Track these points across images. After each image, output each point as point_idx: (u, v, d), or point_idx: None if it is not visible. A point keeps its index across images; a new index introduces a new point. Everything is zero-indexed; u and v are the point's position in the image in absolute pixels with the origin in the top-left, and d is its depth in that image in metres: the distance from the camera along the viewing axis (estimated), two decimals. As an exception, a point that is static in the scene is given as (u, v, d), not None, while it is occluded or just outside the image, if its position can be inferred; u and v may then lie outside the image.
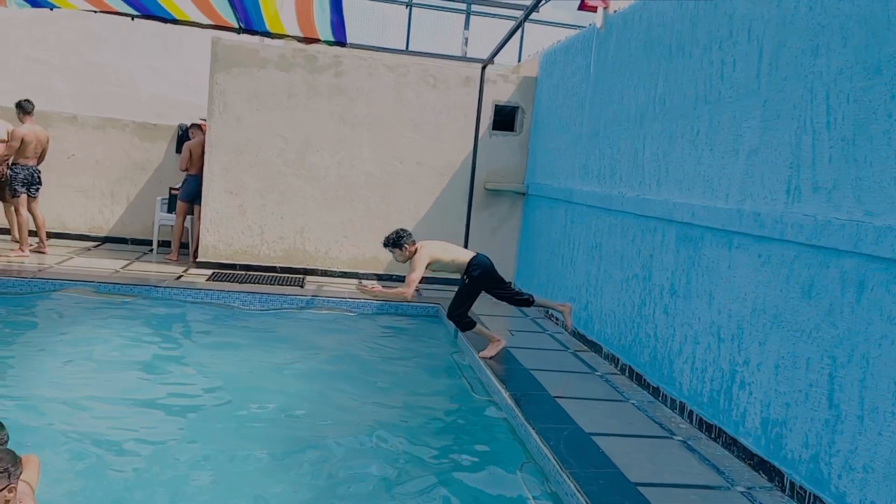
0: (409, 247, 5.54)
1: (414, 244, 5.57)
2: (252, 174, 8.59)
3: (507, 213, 9.07)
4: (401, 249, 5.53)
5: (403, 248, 5.52)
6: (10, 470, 2.60)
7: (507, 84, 8.96)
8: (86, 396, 4.45)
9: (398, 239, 5.56)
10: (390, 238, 5.59)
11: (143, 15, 6.83)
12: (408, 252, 5.53)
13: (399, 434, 4.29)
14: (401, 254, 5.55)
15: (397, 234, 5.59)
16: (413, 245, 5.56)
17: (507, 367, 5.46)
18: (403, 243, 5.53)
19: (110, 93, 11.45)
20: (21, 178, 8.02)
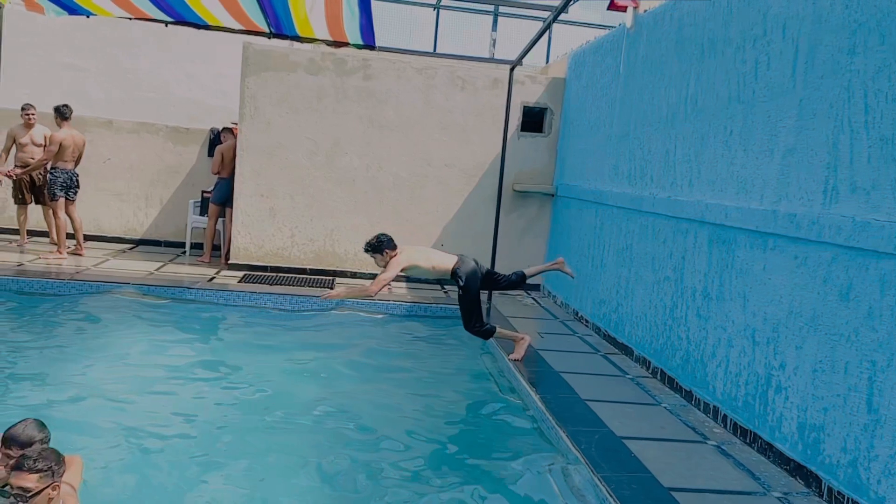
0: (390, 251, 5.49)
1: (395, 249, 5.53)
2: (282, 177, 8.69)
3: (535, 215, 9.04)
4: (381, 254, 5.49)
5: (384, 252, 5.48)
6: (54, 469, 2.67)
7: (535, 85, 8.93)
8: (124, 396, 4.54)
9: (379, 244, 5.52)
10: (371, 243, 5.55)
11: (177, 21, 6.94)
12: (388, 257, 5.49)
13: (428, 436, 4.30)
14: (381, 258, 5.51)
15: (378, 239, 5.55)
16: (394, 250, 5.51)
17: (536, 370, 5.44)
18: (384, 248, 5.49)
19: (145, 98, 11.66)
20: (60, 182, 8.21)
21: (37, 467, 2.61)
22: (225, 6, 6.34)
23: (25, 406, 4.03)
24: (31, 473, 2.60)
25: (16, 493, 2.58)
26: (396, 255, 5.49)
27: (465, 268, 5.56)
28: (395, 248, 5.53)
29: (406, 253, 5.55)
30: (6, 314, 6.18)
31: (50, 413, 3.81)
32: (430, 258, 5.63)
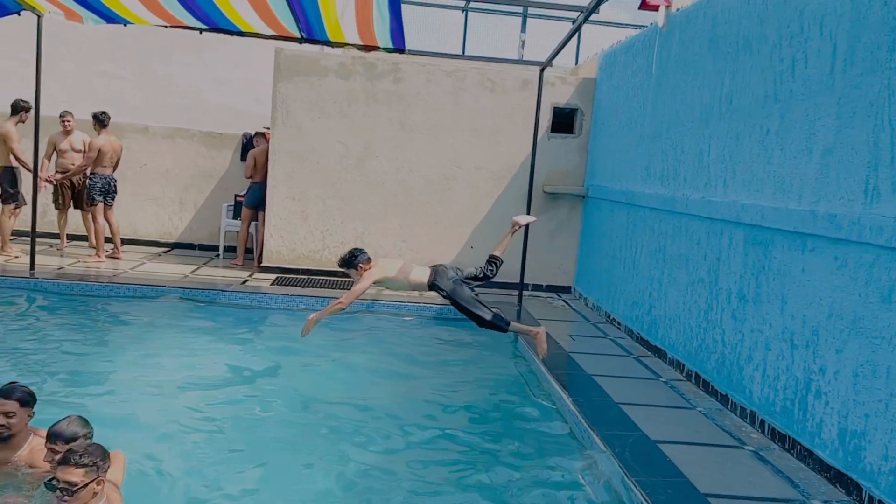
0: (364, 265, 5.41)
1: (369, 262, 5.45)
2: (314, 180, 8.77)
3: (566, 217, 8.98)
4: (356, 269, 5.42)
5: (358, 267, 5.40)
6: (99, 464, 2.73)
7: (565, 86, 8.88)
8: (158, 396, 4.62)
9: (352, 258, 5.44)
10: (344, 258, 5.48)
11: (211, 28, 7.06)
12: (362, 271, 5.41)
13: (458, 439, 4.30)
14: (356, 273, 5.43)
15: (351, 254, 5.47)
16: (368, 264, 5.43)
17: (568, 373, 5.40)
18: (357, 263, 5.41)
19: (179, 104, 11.87)
20: (99, 187, 8.40)
21: (83, 462, 2.68)
22: (257, 12, 6.43)
23: (65, 403, 4.12)
24: (77, 468, 2.66)
25: (62, 486, 2.65)
26: (370, 268, 5.42)
27: (442, 279, 5.48)
28: (370, 261, 5.47)
29: (379, 266, 5.47)
30: (47, 316, 6.33)
31: (89, 410, 3.88)
32: (402, 270, 5.53)
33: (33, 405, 3.19)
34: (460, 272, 5.63)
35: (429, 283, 5.51)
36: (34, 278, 7.11)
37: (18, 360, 5.09)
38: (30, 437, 3.19)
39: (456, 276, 5.56)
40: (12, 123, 8.11)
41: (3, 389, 3.12)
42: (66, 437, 2.91)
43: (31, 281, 7.05)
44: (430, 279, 5.50)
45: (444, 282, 5.47)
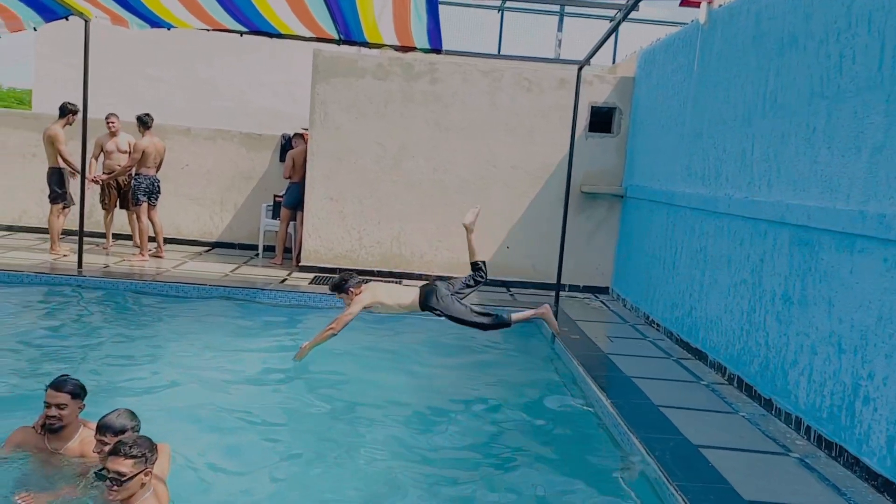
0: (355, 290, 5.37)
1: (360, 286, 5.41)
2: (351, 181, 8.84)
3: (604, 217, 8.89)
4: (347, 294, 5.39)
5: (349, 292, 5.37)
6: (147, 455, 2.82)
7: (603, 85, 8.79)
8: (199, 391, 4.70)
9: (342, 283, 5.41)
10: (334, 282, 5.45)
11: (252, 31, 7.17)
12: (353, 295, 5.37)
13: (496, 441, 4.29)
14: (347, 297, 5.39)
15: (341, 279, 5.45)
16: (359, 288, 5.39)
17: (606, 374, 5.35)
18: (348, 287, 5.38)
19: (220, 106, 12.11)
20: (143, 188, 8.61)
21: (132, 453, 2.77)
22: (296, 14, 6.50)
23: (112, 396, 4.22)
24: (126, 459, 2.76)
25: (112, 476, 2.73)
26: (361, 292, 5.39)
27: (433, 299, 5.46)
28: (360, 284, 5.45)
29: (370, 290, 5.42)
30: (94, 313, 6.50)
31: (134, 404, 3.96)
32: (392, 295, 5.50)
33: (83, 398, 3.30)
34: (452, 286, 5.61)
35: (420, 304, 5.48)
36: (81, 276, 7.32)
37: (67, 354, 5.25)
38: (80, 428, 3.29)
39: (448, 291, 5.53)
40: (60, 126, 8.36)
41: (55, 382, 3.22)
42: (116, 429, 3.01)
43: (79, 279, 7.25)
44: (420, 300, 5.48)
45: (437, 301, 5.45)
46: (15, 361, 5.01)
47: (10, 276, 7.15)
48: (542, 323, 7.05)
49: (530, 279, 8.97)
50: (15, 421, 3.59)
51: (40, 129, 8.98)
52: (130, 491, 2.80)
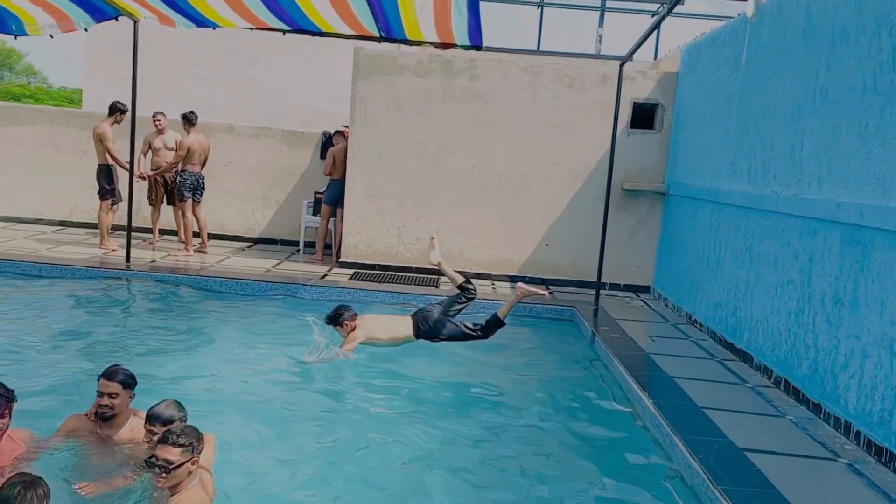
0: (350, 322, 5.31)
1: (354, 319, 5.34)
2: (390, 178, 8.89)
3: (646, 214, 8.77)
4: (342, 326, 5.32)
5: (344, 324, 5.31)
6: (195, 445, 2.91)
7: (646, 80, 8.66)
8: (245, 383, 4.78)
9: (337, 316, 5.33)
10: (329, 315, 5.36)
11: (294, 29, 7.25)
12: (348, 329, 5.32)
13: (535, 442, 4.25)
14: (342, 330, 5.34)
15: (336, 312, 5.36)
16: (354, 321, 5.33)
17: (648, 374, 5.28)
18: (343, 320, 5.31)
19: (264, 104, 12.29)
20: (188, 184, 8.79)
21: (180, 442, 2.85)
22: (338, 12, 6.55)
23: (159, 386, 4.32)
24: (174, 447, 2.85)
25: (161, 464, 2.83)
26: (355, 327, 5.30)
27: (426, 324, 5.40)
28: (356, 316, 5.38)
29: (363, 327, 5.34)
30: (142, 306, 6.67)
31: (179, 394, 4.06)
32: (387, 329, 5.42)
33: (134, 387, 3.39)
34: (438, 306, 5.54)
35: (414, 333, 5.43)
36: (129, 270, 7.51)
37: (116, 344, 5.40)
38: (130, 417, 3.40)
39: (440, 315, 5.46)
40: (109, 124, 8.58)
41: (107, 372, 3.32)
42: (164, 419, 3.10)
43: (127, 273, 7.45)
44: (415, 330, 5.43)
45: (432, 327, 5.40)
46: (67, 351, 5.18)
47: (62, 269, 7.38)
48: (580, 321, 7.01)
49: (570, 277, 8.89)
50: (67, 407, 3.73)
51: (90, 127, 9.25)
52: (178, 479, 2.88)
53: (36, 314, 6.06)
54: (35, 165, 10.33)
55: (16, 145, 10.32)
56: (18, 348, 5.12)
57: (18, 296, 6.56)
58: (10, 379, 3.30)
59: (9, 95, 32.17)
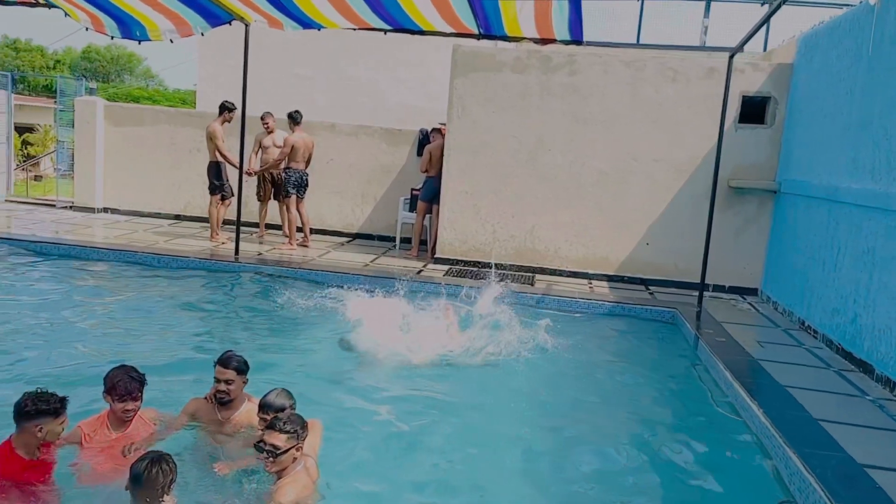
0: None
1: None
2: (486, 174, 8.89)
3: (754, 213, 8.35)
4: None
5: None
6: (299, 432, 3.05)
7: (756, 73, 8.24)
8: (342, 372, 4.92)
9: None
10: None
11: (395, 29, 7.37)
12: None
13: (637, 449, 4.12)
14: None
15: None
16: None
17: (757, 382, 5.01)
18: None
19: (361, 102, 12.58)
20: (293, 181, 9.14)
21: (286, 429, 3.00)
22: (439, 11, 6.61)
23: (266, 374, 4.51)
24: (280, 433, 3.00)
25: (268, 448, 2.99)
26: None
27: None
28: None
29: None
30: (247, 294, 6.99)
31: (285, 382, 4.23)
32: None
33: (246, 372, 3.56)
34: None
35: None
36: (238, 262, 7.89)
37: (227, 332, 5.69)
38: (245, 401, 3.57)
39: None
40: (219, 123, 9.04)
41: (222, 359, 3.50)
42: (276, 407, 3.25)
43: (236, 265, 7.83)
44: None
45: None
46: (181, 336, 5.51)
47: (177, 260, 7.84)
48: (682, 323, 6.76)
49: (671, 277, 8.61)
50: (185, 386, 3.98)
51: (203, 126, 9.77)
52: (283, 464, 3.02)
53: (154, 302, 6.47)
54: (154, 163, 11.03)
55: (138, 144, 11.05)
56: (139, 332, 5.49)
57: (138, 284, 7.03)
58: (131, 360, 3.55)
59: (129, 97, 34.58)
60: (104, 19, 7.16)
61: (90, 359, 4.75)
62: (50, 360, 4.70)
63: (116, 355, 4.59)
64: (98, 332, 5.45)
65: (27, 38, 45.27)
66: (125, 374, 3.25)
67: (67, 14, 6.98)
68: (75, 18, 7.08)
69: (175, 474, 2.74)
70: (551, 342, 5.70)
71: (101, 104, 11.03)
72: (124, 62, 49.83)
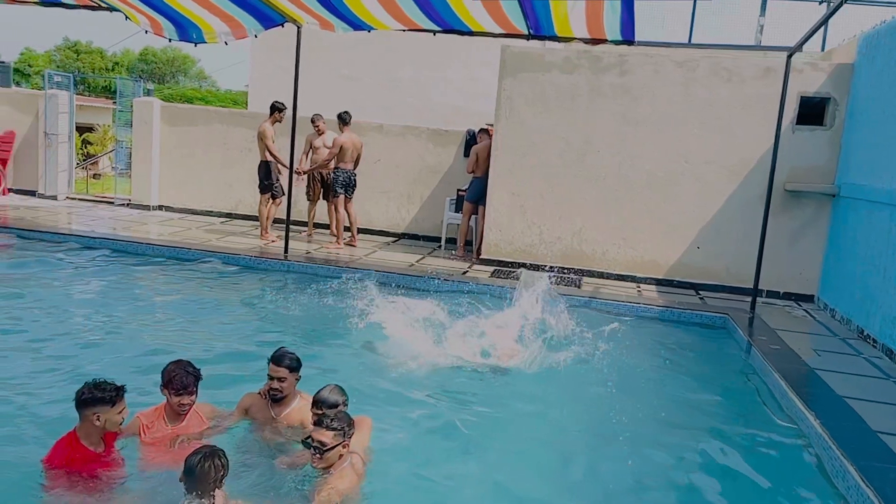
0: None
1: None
2: (533, 175, 8.84)
3: (811, 218, 8.10)
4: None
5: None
6: (346, 430, 3.09)
7: (815, 73, 7.99)
8: (388, 369, 4.96)
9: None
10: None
11: (444, 30, 7.39)
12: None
13: (689, 456, 4.04)
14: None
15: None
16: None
17: (812, 391, 4.86)
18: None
19: (409, 103, 12.65)
20: (341, 181, 9.25)
21: (333, 426, 3.05)
22: (489, 11, 6.60)
23: (314, 371, 4.58)
24: (328, 430, 3.06)
25: (315, 445, 3.05)
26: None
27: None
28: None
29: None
30: (296, 291, 7.09)
31: (333, 380, 4.28)
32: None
33: (299, 370, 3.62)
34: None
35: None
36: (287, 260, 8.03)
37: (277, 329, 5.78)
38: (297, 397, 3.63)
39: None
40: (269, 123, 9.20)
41: (275, 357, 3.57)
42: (329, 403, 3.31)
43: (285, 262, 7.96)
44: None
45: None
46: (233, 330, 5.63)
47: (228, 257, 8.02)
48: (734, 329, 6.59)
49: (722, 282, 8.42)
50: (237, 381, 4.09)
51: (255, 126, 9.98)
52: (330, 461, 3.07)
53: (206, 298, 6.63)
54: (207, 162, 11.31)
55: (192, 143, 11.34)
56: (194, 327, 5.63)
57: (191, 280, 7.22)
58: (184, 354, 3.64)
59: (183, 98, 35.54)
60: (163, 22, 7.37)
61: (146, 352, 4.89)
62: (111, 353, 4.86)
63: (171, 350, 4.72)
64: (154, 327, 5.61)
65: (87, 41, 46.91)
66: (181, 368, 3.34)
67: (128, 17, 7.22)
68: (135, 22, 7.31)
69: (226, 469, 2.80)
70: (598, 346, 5.62)
71: (157, 104, 11.36)
72: (179, 64, 51.23)
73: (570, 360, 5.56)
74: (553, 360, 5.58)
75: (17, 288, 6.26)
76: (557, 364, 5.50)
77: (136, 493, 3.10)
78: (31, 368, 4.48)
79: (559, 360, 5.58)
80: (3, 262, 7.34)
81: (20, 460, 3.25)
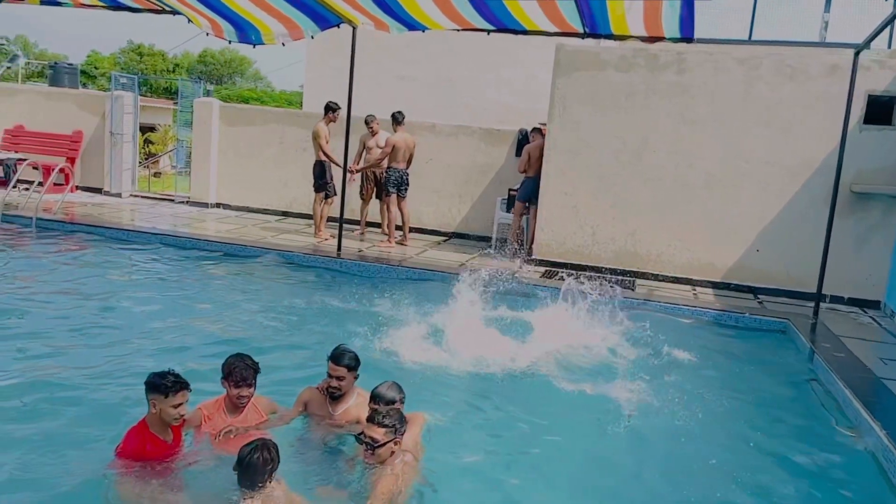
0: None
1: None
2: (587, 175, 8.74)
3: (879, 221, 7.78)
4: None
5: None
6: (397, 427, 3.14)
7: (884, 71, 7.68)
8: (448, 366, 4.99)
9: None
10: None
11: (499, 29, 7.37)
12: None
13: (751, 465, 3.92)
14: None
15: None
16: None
17: (879, 401, 4.67)
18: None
19: (462, 103, 12.67)
20: (393, 180, 9.33)
21: (385, 423, 3.09)
22: (544, 10, 6.55)
23: (371, 363, 4.60)
24: (380, 427, 3.10)
25: (367, 441, 3.09)
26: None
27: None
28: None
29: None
30: (349, 289, 7.18)
31: (386, 377, 4.32)
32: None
33: (357, 368, 3.67)
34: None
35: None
36: (340, 258, 8.14)
37: (331, 325, 5.87)
38: (355, 394, 3.68)
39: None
40: (324, 123, 9.34)
41: (335, 355, 3.62)
42: (387, 399, 3.35)
43: (338, 261, 8.08)
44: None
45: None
46: (288, 327, 5.76)
47: (283, 254, 8.19)
48: (795, 335, 6.38)
49: (783, 286, 8.16)
50: (297, 374, 4.23)
51: (309, 126, 10.14)
52: (382, 457, 3.11)
53: (263, 294, 6.78)
54: (263, 161, 11.55)
55: (249, 143, 11.61)
56: (250, 322, 5.77)
57: (246, 275, 7.40)
58: (244, 348, 3.73)
59: (240, 98, 36.43)
60: (223, 24, 7.56)
61: (202, 345, 5.04)
62: (172, 346, 5.03)
63: (228, 343, 4.84)
64: (213, 320, 5.77)
65: (150, 44, 48.59)
66: (241, 361, 3.43)
67: (190, 20, 7.43)
68: (197, 24, 7.51)
69: (277, 462, 2.84)
70: (656, 351, 5.52)
71: (216, 105, 11.67)
72: (236, 65, 52.54)
73: (628, 367, 5.45)
74: (598, 362, 5.50)
75: (102, 283, 6.54)
76: (602, 367, 5.42)
77: (198, 484, 3.19)
78: (131, 359, 4.67)
79: (606, 362, 5.49)
80: (86, 257, 7.69)
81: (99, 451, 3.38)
